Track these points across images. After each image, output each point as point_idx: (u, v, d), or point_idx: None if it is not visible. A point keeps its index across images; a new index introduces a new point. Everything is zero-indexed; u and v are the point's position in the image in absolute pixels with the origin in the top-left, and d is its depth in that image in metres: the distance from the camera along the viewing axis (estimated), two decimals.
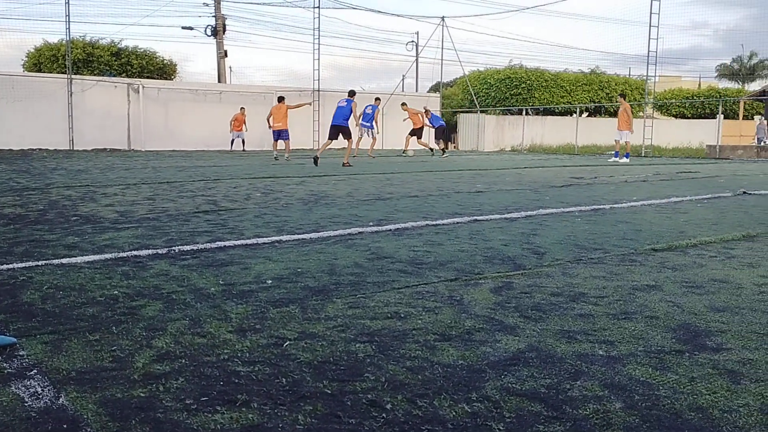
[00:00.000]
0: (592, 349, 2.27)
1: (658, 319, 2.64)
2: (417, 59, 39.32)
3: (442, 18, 32.30)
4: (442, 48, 32.41)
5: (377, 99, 20.70)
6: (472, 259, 3.86)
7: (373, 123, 19.69)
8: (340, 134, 15.03)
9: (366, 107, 19.75)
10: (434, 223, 5.38)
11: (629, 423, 1.69)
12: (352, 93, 15.92)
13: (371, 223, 5.31)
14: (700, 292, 3.10)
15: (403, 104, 22.01)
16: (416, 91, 38.12)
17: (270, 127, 18.36)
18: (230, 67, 39.54)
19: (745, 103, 37.28)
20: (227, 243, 4.34)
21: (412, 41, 41.03)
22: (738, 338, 2.39)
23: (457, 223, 5.42)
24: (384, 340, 2.36)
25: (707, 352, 2.24)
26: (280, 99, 18.53)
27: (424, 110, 21.84)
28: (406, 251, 4.10)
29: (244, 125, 23.89)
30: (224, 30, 31.15)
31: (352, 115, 15.29)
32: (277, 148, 18.62)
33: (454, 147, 34.36)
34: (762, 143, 22.47)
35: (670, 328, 2.51)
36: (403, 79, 38.19)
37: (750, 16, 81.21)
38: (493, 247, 4.29)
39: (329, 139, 15.25)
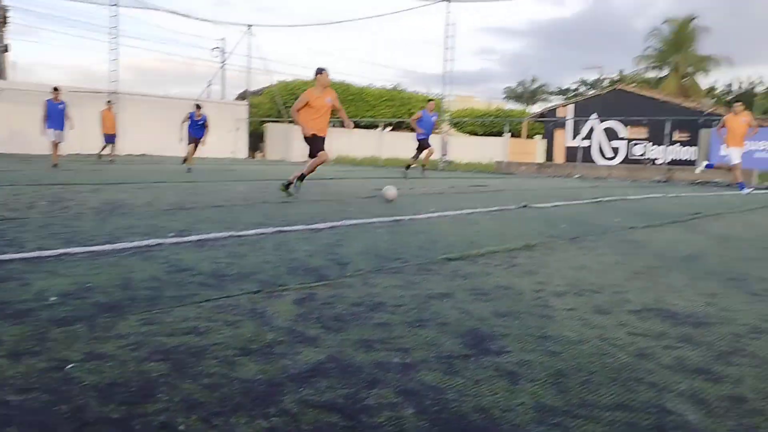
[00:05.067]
0: (388, 357, 2.36)
1: (449, 325, 2.81)
2: (223, 66, 38.51)
3: (249, 26, 32.01)
4: (250, 56, 32.08)
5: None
6: (276, 271, 3.84)
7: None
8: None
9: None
10: (239, 233, 5.28)
11: (420, 427, 1.78)
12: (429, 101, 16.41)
13: (171, 234, 5.08)
14: (487, 298, 3.34)
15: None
16: (222, 98, 37.25)
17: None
18: (14, 63, 35.90)
19: (528, 123, 41.13)
20: (3, 257, 3.91)
21: (218, 47, 40.10)
22: (517, 341, 2.61)
23: (263, 233, 5.37)
24: (180, 357, 2.27)
25: (491, 356, 2.41)
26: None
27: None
28: (208, 263, 3.98)
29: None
30: (5, 22, 28.24)
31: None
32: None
33: (262, 156, 34.08)
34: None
35: (460, 334, 2.68)
36: (209, 85, 37.22)
37: (531, 45, 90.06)
38: (298, 258, 4.30)
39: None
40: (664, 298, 3.49)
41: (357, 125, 35.51)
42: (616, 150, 30.49)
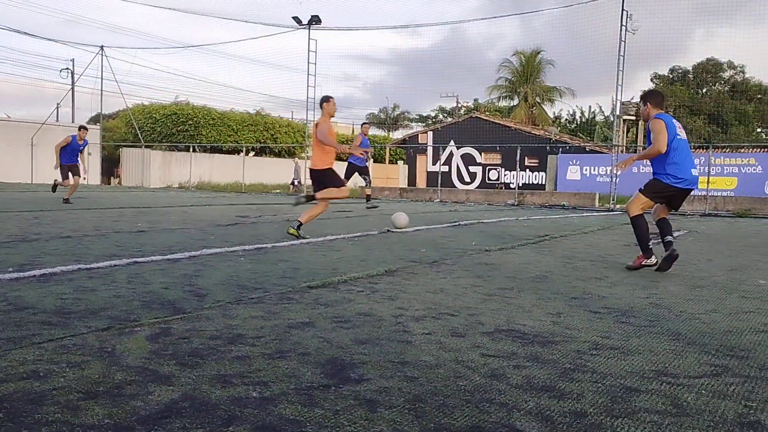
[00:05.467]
0: (246, 391, 2.30)
1: (309, 355, 2.79)
2: (73, 87, 36.47)
3: (101, 47, 30.64)
4: (102, 78, 30.68)
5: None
6: (128, 305, 3.65)
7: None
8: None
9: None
10: (88, 266, 4.97)
11: None
12: None
13: (11, 269, 4.70)
14: (348, 326, 3.36)
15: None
16: (72, 121, 35.18)
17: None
18: None
19: (390, 149, 42.19)
20: None
21: (67, 68, 37.97)
22: (377, 368, 2.64)
23: (115, 265, 5.09)
24: (16, 405, 2.09)
25: (350, 384, 2.42)
26: None
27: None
28: (53, 299, 3.71)
29: None
30: None
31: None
32: None
33: (118, 182, 32.54)
34: (295, 183, 26.11)
35: (320, 364, 2.67)
36: (57, 108, 35.20)
37: (392, 73, 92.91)
38: (153, 290, 4.12)
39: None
40: (515, 318, 3.67)
41: (219, 150, 34.77)
42: (473, 175, 31.94)
